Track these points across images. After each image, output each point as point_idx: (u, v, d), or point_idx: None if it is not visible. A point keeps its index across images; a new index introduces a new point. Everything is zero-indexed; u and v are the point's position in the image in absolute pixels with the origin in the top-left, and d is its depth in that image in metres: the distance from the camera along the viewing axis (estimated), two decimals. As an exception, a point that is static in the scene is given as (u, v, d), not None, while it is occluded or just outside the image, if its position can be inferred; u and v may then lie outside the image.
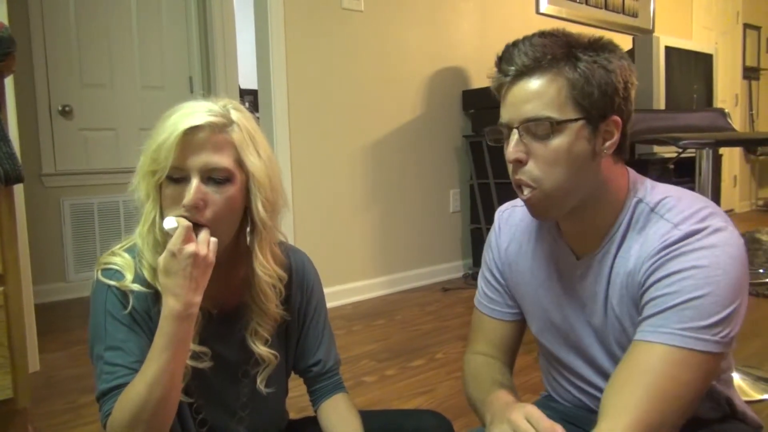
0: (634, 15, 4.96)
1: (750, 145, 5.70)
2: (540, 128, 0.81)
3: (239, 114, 0.90)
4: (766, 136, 1.88)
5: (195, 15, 3.86)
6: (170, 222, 0.83)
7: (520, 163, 0.83)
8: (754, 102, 6.61)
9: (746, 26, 6.42)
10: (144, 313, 0.90)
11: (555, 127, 0.80)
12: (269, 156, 0.93)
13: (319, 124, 3.07)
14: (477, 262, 3.66)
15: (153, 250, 0.89)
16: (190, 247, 0.82)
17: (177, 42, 3.84)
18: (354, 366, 2.20)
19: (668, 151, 3.56)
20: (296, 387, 1.16)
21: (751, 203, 6.59)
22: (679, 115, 2.26)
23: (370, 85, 3.26)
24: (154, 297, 0.89)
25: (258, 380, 0.98)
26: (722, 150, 4.96)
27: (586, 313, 0.92)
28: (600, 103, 0.81)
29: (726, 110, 2.16)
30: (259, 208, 0.91)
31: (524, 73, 0.82)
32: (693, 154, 1.98)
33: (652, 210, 0.85)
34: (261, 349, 0.97)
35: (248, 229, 0.95)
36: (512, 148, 0.83)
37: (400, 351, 2.35)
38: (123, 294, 0.89)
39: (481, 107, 3.59)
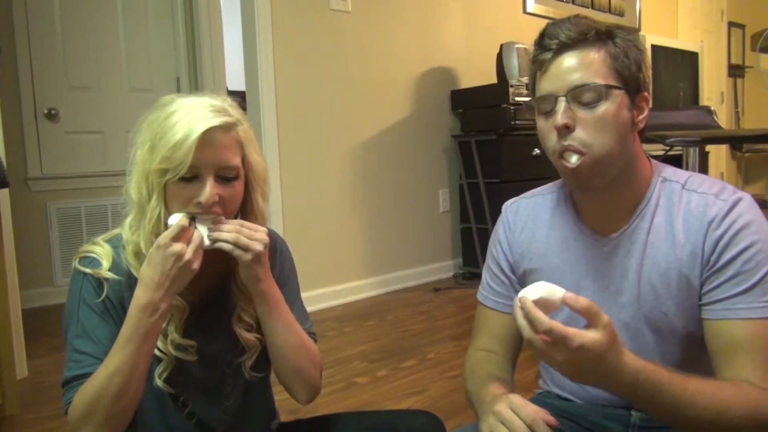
0: (621, 14, 4.99)
1: (735, 142, 5.76)
2: (588, 95, 0.85)
3: (237, 111, 0.93)
4: (750, 133, 1.89)
5: (182, 16, 3.83)
6: (178, 218, 0.86)
7: (567, 129, 0.86)
8: (739, 99, 6.67)
9: (731, 24, 6.47)
10: (118, 302, 0.91)
11: (604, 92, 0.84)
12: (258, 147, 0.97)
13: (308, 125, 3.06)
14: (467, 261, 3.66)
15: (152, 244, 0.88)
16: (176, 247, 0.83)
17: (164, 44, 3.81)
18: (346, 367, 2.19)
19: (656, 149, 3.59)
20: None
21: (737, 200, 6.64)
22: (666, 113, 2.27)
23: (358, 85, 3.26)
24: (129, 284, 0.90)
25: (245, 367, 0.99)
26: (709, 147, 5.00)
27: (611, 290, 0.94)
28: (636, 76, 0.88)
29: (712, 108, 2.18)
30: (259, 200, 0.96)
31: (569, 46, 0.87)
32: (680, 152, 1.99)
33: (683, 187, 0.91)
34: (246, 335, 0.98)
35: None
36: (561, 115, 0.85)
37: (391, 351, 2.35)
38: (98, 282, 0.90)
39: (469, 107, 3.60)
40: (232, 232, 0.88)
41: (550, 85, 0.88)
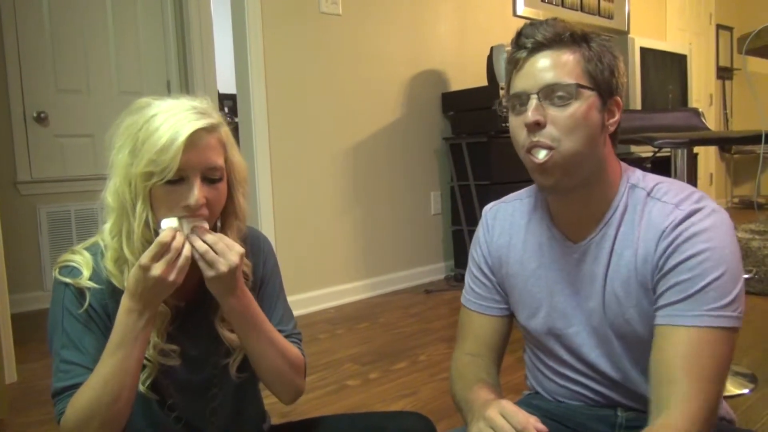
0: (610, 17, 5.02)
1: (723, 143, 5.80)
2: (560, 93, 0.87)
3: (214, 111, 0.93)
4: (739, 135, 1.91)
5: (172, 19, 3.82)
6: (170, 223, 0.86)
7: (538, 126, 0.87)
8: (728, 101, 6.73)
9: (719, 27, 6.53)
10: (101, 310, 0.91)
11: (574, 92, 0.86)
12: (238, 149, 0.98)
13: (299, 128, 3.06)
14: (459, 263, 3.67)
15: (143, 246, 0.88)
16: (156, 271, 0.83)
17: (154, 46, 3.80)
18: (337, 370, 2.19)
19: (645, 151, 3.61)
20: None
21: (726, 201, 6.70)
22: (654, 115, 2.29)
23: (349, 88, 3.26)
24: (111, 291, 0.90)
25: (231, 369, 0.99)
26: (698, 149, 5.03)
27: (581, 296, 0.95)
28: (608, 80, 0.89)
29: (700, 110, 2.20)
30: (241, 199, 0.97)
31: (544, 45, 0.89)
32: (668, 154, 2.01)
33: (649, 194, 0.91)
34: (230, 336, 0.97)
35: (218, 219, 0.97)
36: (532, 112, 0.87)
37: (383, 354, 2.35)
38: (80, 292, 0.90)
39: (460, 109, 3.61)
40: (207, 242, 0.87)
41: (524, 83, 0.90)
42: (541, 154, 0.87)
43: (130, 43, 3.71)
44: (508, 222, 1.06)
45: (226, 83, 4.02)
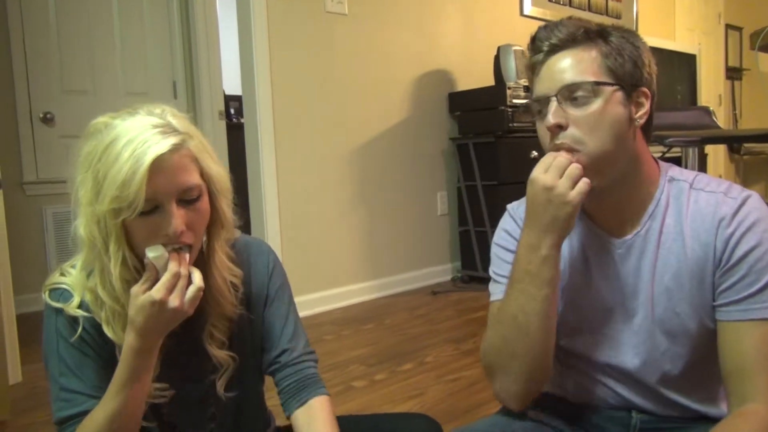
0: (618, 17, 4.99)
1: (735, 141, 5.75)
2: (578, 93, 0.85)
3: (180, 120, 0.84)
4: (750, 132, 1.88)
5: (178, 20, 3.82)
6: (156, 250, 0.80)
7: (560, 128, 0.86)
8: (737, 102, 6.68)
9: (728, 27, 6.48)
10: (96, 333, 0.86)
11: (593, 90, 0.84)
12: (214, 152, 0.89)
13: (305, 129, 3.05)
14: (466, 264, 3.65)
15: (123, 287, 0.82)
16: (174, 303, 0.78)
17: (160, 47, 3.80)
18: (343, 371, 2.17)
19: (654, 150, 3.58)
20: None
21: (736, 202, 6.64)
22: (664, 114, 2.26)
23: (355, 88, 3.25)
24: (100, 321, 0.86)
25: (217, 385, 0.94)
26: (707, 149, 5.00)
27: (625, 293, 0.92)
28: (631, 72, 0.87)
29: (711, 108, 2.17)
30: (225, 209, 0.90)
31: (559, 47, 0.87)
32: (678, 154, 1.98)
33: (692, 186, 0.90)
34: (218, 353, 0.93)
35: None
36: (552, 115, 0.85)
37: (389, 355, 2.33)
38: (72, 317, 0.85)
39: (467, 109, 3.59)
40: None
41: (543, 86, 0.88)
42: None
43: (136, 44, 3.70)
44: None
45: (232, 84, 4.01)
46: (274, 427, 1.13)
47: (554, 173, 0.84)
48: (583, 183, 0.84)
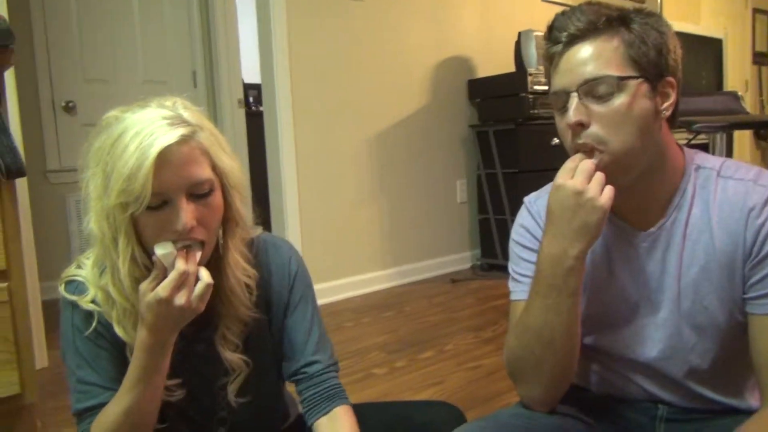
0: (642, 0, 4.89)
1: (765, 127, 5.62)
2: (601, 88, 0.80)
3: (192, 112, 0.83)
4: (781, 118, 1.83)
5: (197, 8, 3.83)
6: (165, 248, 0.78)
7: (582, 127, 0.82)
8: (764, 87, 6.52)
9: (756, 11, 6.32)
10: (110, 328, 0.86)
11: (616, 84, 0.80)
12: (228, 146, 0.87)
13: (324, 117, 3.04)
14: (486, 252, 3.63)
15: (132, 285, 0.81)
16: (180, 300, 0.77)
17: (179, 36, 3.81)
18: (363, 358, 2.18)
19: (679, 137, 3.52)
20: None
21: (762, 190, 6.52)
22: (691, 99, 2.21)
23: (374, 76, 3.23)
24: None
25: (228, 390, 0.92)
26: (734, 135, 4.89)
27: (651, 287, 0.89)
28: (656, 62, 0.82)
29: (739, 93, 2.12)
30: (238, 206, 0.87)
31: (579, 37, 0.82)
32: (706, 140, 1.94)
33: (719, 173, 0.86)
34: (231, 356, 0.91)
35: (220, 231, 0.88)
36: (573, 112, 0.81)
37: (409, 343, 2.33)
38: (87, 311, 0.86)
39: (487, 96, 3.55)
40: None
41: (562, 80, 0.84)
42: (591, 158, 0.82)
43: (155, 33, 3.72)
44: None
45: (251, 73, 4.02)
46: (296, 413, 1.12)
47: (582, 177, 0.80)
48: (610, 189, 0.81)
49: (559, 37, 0.83)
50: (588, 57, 0.81)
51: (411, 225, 3.43)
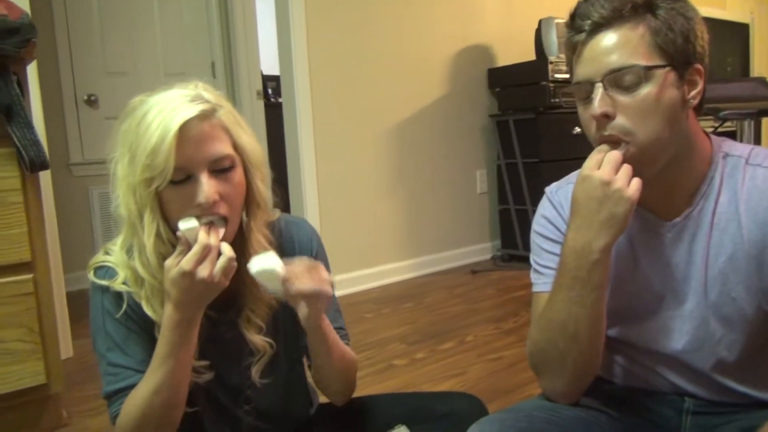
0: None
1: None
2: (627, 78, 0.78)
3: (213, 94, 0.86)
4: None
5: (216, 1, 3.83)
6: (189, 223, 0.80)
7: (607, 118, 0.79)
8: (791, 73, 6.37)
9: (783, -6, 6.16)
10: (140, 310, 0.87)
11: (643, 74, 0.77)
12: (248, 127, 0.89)
13: (343, 107, 3.03)
14: (506, 243, 3.60)
15: (158, 262, 0.83)
16: (203, 273, 0.78)
17: (198, 27, 3.82)
18: (383, 349, 2.17)
19: (705, 126, 3.45)
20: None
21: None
22: (717, 86, 2.16)
23: (393, 65, 3.21)
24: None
25: (252, 371, 0.94)
26: (764, 122, 4.78)
27: (676, 278, 0.88)
28: (683, 49, 0.79)
29: (767, 79, 2.06)
30: (259, 185, 0.89)
31: (603, 25, 0.79)
32: (733, 128, 1.89)
33: (747, 161, 0.83)
34: (255, 338, 0.92)
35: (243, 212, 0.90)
36: (598, 103, 0.79)
37: (429, 334, 2.32)
38: (117, 294, 0.87)
39: (507, 85, 3.51)
40: (307, 281, 0.81)
41: (586, 69, 0.81)
42: (617, 150, 0.79)
43: (174, 26, 3.73)
44: None
45: (270, 65, 4.02)
46: (317, 403, 1.13)
47: (609, 168, 0.78)
48: (637, 181, 0.79)
49: (583, 25, 0.81)
50: (613, 46, 0.78)
51: (430, 215, 3.42)
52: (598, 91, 0.79)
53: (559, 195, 0.97)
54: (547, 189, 1.01)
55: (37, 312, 1.58)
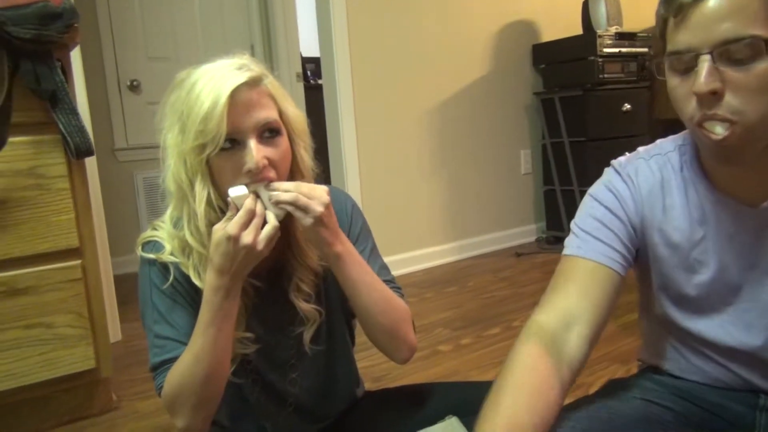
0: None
1: None
2: (743, 51, 0.67)
3: (259, 65, 0.87)
4: None
5: (254, -18, 3.82)
6: (239, 190, 0.81)
7: (714, 95, 0.69)
8: None
9: None
10: (186, 282, 0.89)
11: (765, 48, 0.66)
12: (290, 98, 0.91)
13: (384, 88, 2.98)
14: (551, 225, 3.51)
15: (208, 230, 0.84)
16: (247, 238, 0.78)
17: (237, 10, 3.82)
18: (428, 334, 2.14)
19: None
20: (370, 357, 1.10)
21: None
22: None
23: (434, 43, 3.13)
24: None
25: (304, 338, 0.94)
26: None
27: (759, 270, 0.80)
28: None
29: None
30: (303, 155, 0.90)
31: None
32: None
33: None
34: (304, 306, 0.93)
35: None
36: (705, 78, 0.68)
37: (474, 319, 2.27)
38: (164, 266, 0.89)
39: (552, 62, 3.39)
40: (290, 190, 0.82)
41: (690, 37, 0.69)
42: (719, 129, 0.69)
43: (214, 10, 3.73)
44: (657, 182, 0.86)
45: (309, 47, 3.98)
46: (363, 388, 1.12)
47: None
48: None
49: None
50: (726, 11, 0.67)
51: (473, 197, 3.35)
52: (704, 63, 0.68)
53: (628, 168, 0.89)
54: (614, 162, 0.92)
55: (86, 297, 1.60)
